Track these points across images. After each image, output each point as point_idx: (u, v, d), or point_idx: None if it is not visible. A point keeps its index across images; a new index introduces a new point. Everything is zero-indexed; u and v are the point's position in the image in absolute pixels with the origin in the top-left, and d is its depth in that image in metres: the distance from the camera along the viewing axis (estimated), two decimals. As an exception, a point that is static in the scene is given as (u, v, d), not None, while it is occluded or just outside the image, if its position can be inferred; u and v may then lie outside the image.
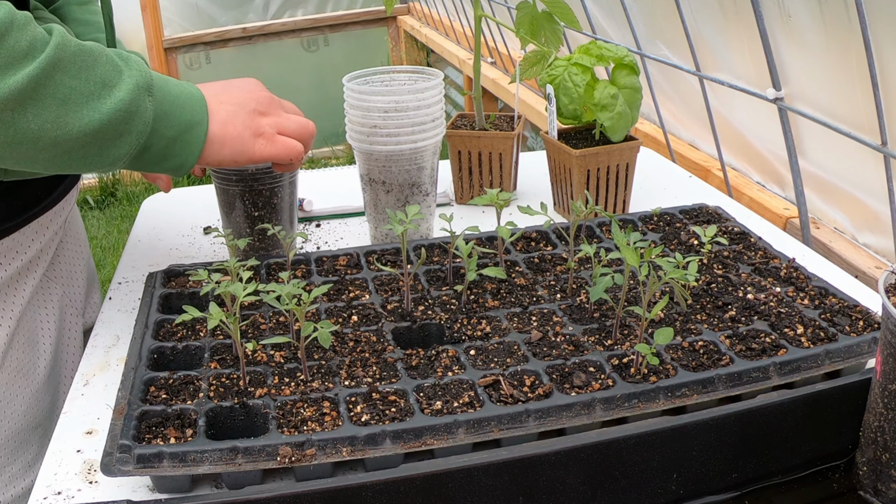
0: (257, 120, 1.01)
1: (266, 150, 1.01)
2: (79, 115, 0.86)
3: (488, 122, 1.50)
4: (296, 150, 1.03)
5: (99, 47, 0.89)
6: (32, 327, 1.12)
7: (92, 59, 0.88)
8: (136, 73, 0.91)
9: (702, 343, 0.94)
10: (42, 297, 1.15)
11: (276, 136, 1.02)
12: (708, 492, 0.82)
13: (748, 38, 1.85)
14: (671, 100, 2.39)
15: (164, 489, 0.82)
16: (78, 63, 0.86)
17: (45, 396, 1.14)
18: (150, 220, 1.49)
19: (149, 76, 0.92)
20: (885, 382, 0.76)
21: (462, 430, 0.82)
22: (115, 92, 0.88)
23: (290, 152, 1.03)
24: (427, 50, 5.87)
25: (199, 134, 0.95)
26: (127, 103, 0.89)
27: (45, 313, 1.16)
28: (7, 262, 1.07)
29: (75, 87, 0.86)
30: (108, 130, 0.88)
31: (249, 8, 5.78)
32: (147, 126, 0.91)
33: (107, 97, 0.88)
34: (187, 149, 0.95)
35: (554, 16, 1.36)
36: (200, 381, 0.91)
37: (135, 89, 0.90)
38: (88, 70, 0.87)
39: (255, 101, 1.02)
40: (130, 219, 4.61)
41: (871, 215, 1.66)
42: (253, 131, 1.00)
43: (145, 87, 0.91)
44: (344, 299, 1.07)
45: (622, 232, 1.00)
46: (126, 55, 0.93)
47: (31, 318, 1.12)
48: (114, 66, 0.89)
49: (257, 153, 1.00)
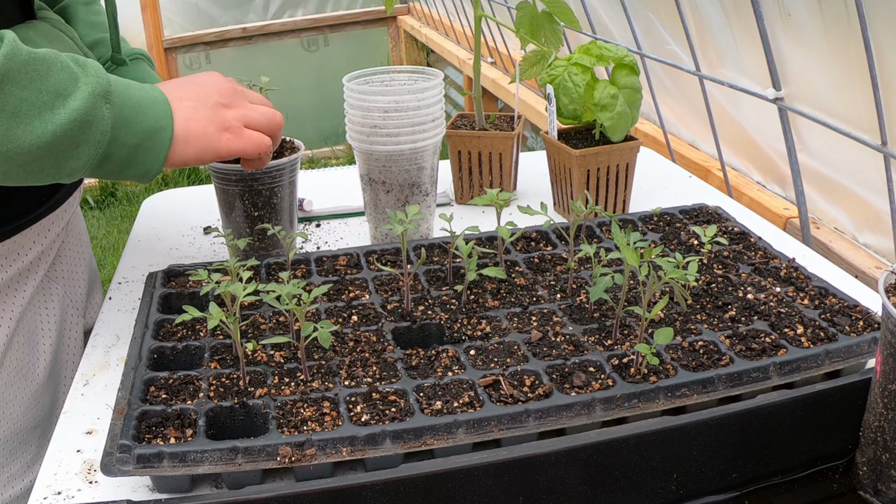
0: (221, 113, 0.97)
1: (233, 145, 0.97)
2: (30, 128, 0.83)
3: (488, 122, 1.50)
4: (264, 144, 1.00)
5: (54, 54, 0.86)
6: (32, 328, 1.12)
7: (45, 67, 0.84)
8: (93, 80, 0.87)
9: (702, 343, 0.94)
10: (43, 297, 1.15)
11: (242, 129, 0.98)
12: (708, 492, 0.82)
13: (753, 34, 1.85)
14: (674, 98, 2.38)
15: (164, 489, 0.82)
16: (29, 73, 0.83)
17: (45, 397, 1.14)
18: (150, 220, 1.49)
19: (106, 82, 0.88)
20: (885, 382, 0.76)
21: (462, 430, 0.82)
22: (69, 101, 0.85)
23: (257, 146, 1.00)
24: (427, 50, 5.87)
25: (163, 139, 0.92)
26: (83, 112, 0.85)
27: (46, 314, 1.15)
28: (8, 265, 1.07)
29: (26, 98, 0.82)
30: (63, 142, 0.85)
31: (249, 8, 5.77)
32: (105, 135, 0.87)
33: (60, 107, 0.84)
34: (151, 155, 0.92)
35: (554, 16, 1.36)
36: (200, 381, 0.91)
37: (90, 97, 0.86)
38: (41, 79, 0.83)
39: (217, 94, 0.98)
40: (130, 219, 4.61)
41: (873, 213, 1.66)
42: (218, 126, 0.96)
43: (102, 94, 0.87)
44: (344, 299, 1.07)
45: (622, 232, 1.00)
46: (84, 61, 0.89)
47: (32, 318, 1.12)
48: (69, 73, 0.86)
49: (224, 148, 0.97)
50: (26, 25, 1.03)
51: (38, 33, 1.03)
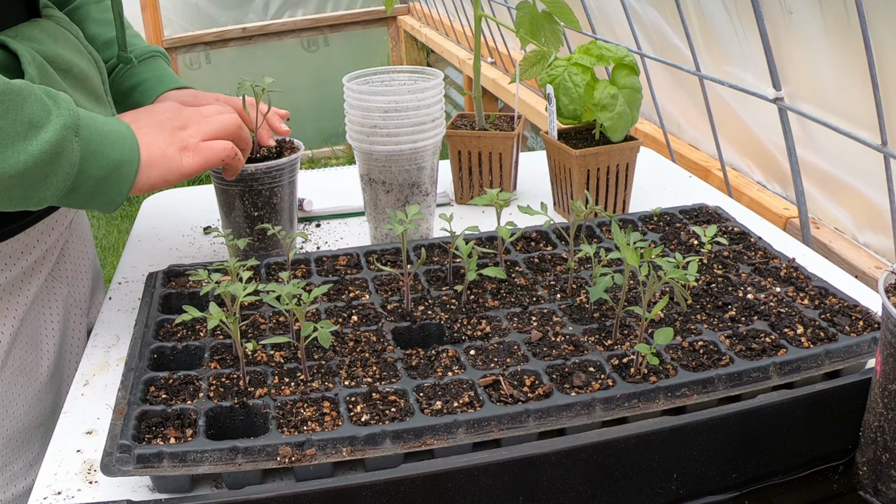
0: (178, 135, 1.01)
1: (194, 162, 1.00)
2: (4, 157, 0.84)
3: (488, 122, 1.50)
4: (225, 150, 1.03)
5: (28, 86, 0.88)
6: (36, 327, 1.12)
7: (21, 98, 0.86)
8: (65, 113, 0.89)
9: (702, 343, 0.94)
10: (46, 296, 1.15)
11: (200, 144, 1.01)
12: (708, 492, 0.82)
13: (746, 35, 1.86)
14: (679, 94, 2.38)
15: (164, 489, 0.82)
16: (5, 103, 0.85)
17: (48, 396, 1.14)
18: (150, 220, 1.49)
19: (76, 115, 0.90)
20: (885, 382, 0.76)
21: (462, 430, 0.82)
22: (41, 133, 0.87)
23: (218, 154, 1.02)
24: (427, 50, 5.87)
25: (128, 172, 0.95)
26: (53, 145, 0.87)
27: (50, 313, 1.16)
28: (12, 263, 1.07)
29: (2, 128, 0.84)
30: (34, 172, 0.87)
31: (249, 8, 5.77)
32: (74, 167, 0.90)
33: (33, 138, 0.86)
34: (115, 187, 0.94)
35: (554, 16, 1.36)
36: (200, 381, 0.91)
37: (62, 129, 0.88)
38: (16, 110, 0.85)
39: (173, 119, 1.02)
40: (130, 219, 4.61)
41: (874, 212, 1.66)
42: (177, 147, 1.00)
43: (72, 127, 0.89)
44: (344, 299, 1.07)
45: (622, 232, 1.00)
46: (55, 93, 0.91)
47: (35, 317, 1.12)
48: (42, 105, 0.88)
49: (186, 167, 1.00)
50: (31, 24, 1.04)
51: (42, 31, 1.04)
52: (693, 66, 2.06)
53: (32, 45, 0.99)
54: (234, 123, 1.06)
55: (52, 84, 0.99)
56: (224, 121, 1.05)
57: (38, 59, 0.98)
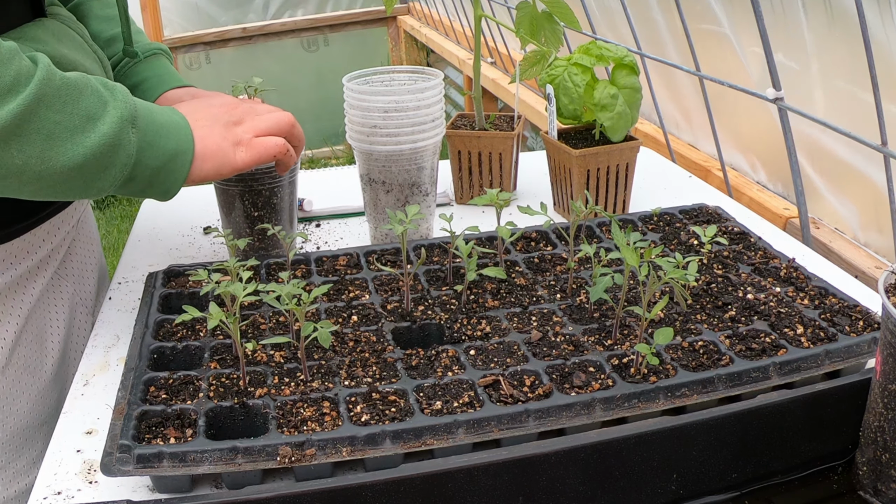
0: (233, 130, 1.02)
1: (247, 157, 1.02)
2: (63, 150, 0.86)
3: (488, 122, 1.50)
4: (277, 147, 1.04)
5: (84, 78, 0.89)
6: (41, 325, 1.12)
7: (77, 91, 0.87)
8: (122, 105, 0.90)
9: (702, 343, 0.94)
10: (52, 295, 1.15)
11: (253, 140, 1.03)
12: (708, 492, 0.82)
13: (754, 32, 1.85)
14: (681, 94, 2.38)
15: (164, 489, 0.82)
16: (63, 97, 0.86)
17: (52, 394, 1.14)
18: (150, 220, 1.49)
19: (133, 107, 0.91)
20: (885, 382, 0.76)
21: (462, 430, 0.82)
22: (99, 125, 0.88)
23: (270, 150, 1.04)
24: (427, 50, 5.87)
25: (184, 162, 0.96)
26: (111, 137, 0.88)
27: (55, 311, 1.16)
28: (17, 262, 1.07)
29: (60, 122, 0.85)
30: (93, 164, 0.88)
31: (249, 8, 5.77)
32: (131, 158, 0.91)
33: (91, 131, 0.87)
34: (171, 177, 0.96)
35: (554, 16, 1.36)
36: (200, 381, 0.91)
37: (119, 121, 0.89)
38: (73, 103, 0.86)
39: (227, 114, 1.03)
40: (130, 219, 4.61)
41: (874, 211, 1.66)
42: (231, 142, 1.01)
43: (129, 119, 0.91)
44: (344, 299, 1.07)
45: (622, 232, 1.00)
46: (111, 85, 0.92)
47: (41, 315, 1.13)
48: (99, 97, 0.89)
49: (239, 162, 1.01)
50: (36, 24, 1.03)
51: (47, 31, 1.03)
52: (693, 66, 2.06)
53: (36, 45, 0.99)
54: (288, 121, 1.07)
55: None
56: (278, 118, 1.06)
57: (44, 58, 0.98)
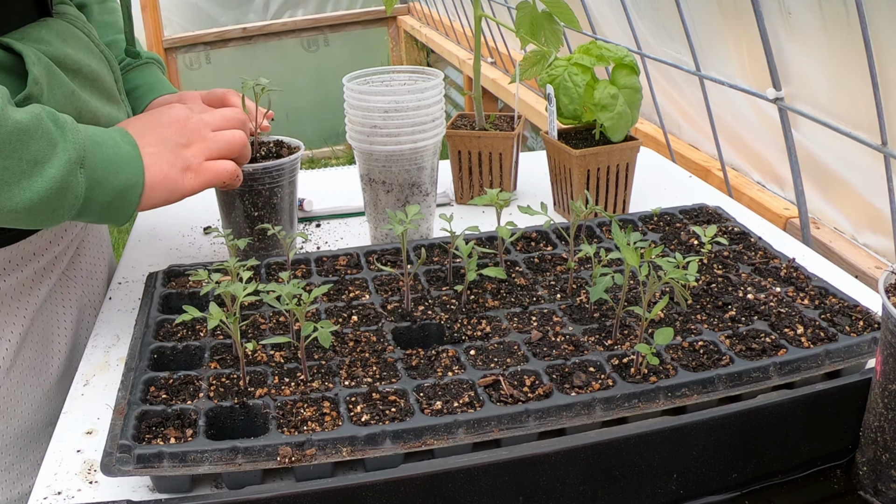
0: (182, 154, 1.00)
1: (196, 183, 1.01)
2: (10, 195, 0.86)
3: (488, 122, 1.50)
4: (226, 172, 1.04)
5: (36, 120, 0.88)
6: (47, 327, 1.12)
7: (27, 136, 0.86)
8: (71, 146, 0.90)
9: (702, 343, 0.94)
10: (59, 297, 1.15)
11: (203, 165, 1.02)
12: (708, 492, 0.82)
13: (746, 36, 1.85)
14: (681, 95, 2.38)
15: (164, 489, 0.82)
16: (12, 142, 0.85)
17: (58, 396, 1.13)
18: (150, 220, 1.49)
19: (82, 147, 0.91)
20: (885, 382, 0.76)
21: (462, 430, 0.82)
22: (47, 170, 0.87)
23: (220, 176, 1.03)
24: (427, 50, 5.87)
25: (133, 195, 0.96)
26: (59, 181, 0.88)
27: (63, 313, 1.15)
28: (23, 265, 1.07)
29: (7, 167, 0.85)
30: (40, 207, 0.88)
31: (249, 8, 5.78)
32: (79, 199, 0.91)
33: (38, 175, 0.87)
34: (122, 210, 0.96)
35: (554, 16, 1.36)
36: (200, 381, 0.91)
37: (67, 164, 0.89)
38: (22, 149, 0.86)
39: (177, 135, 1.01)
40: (130, 219, 4.60)
41: (873, 211, 1.66)
42: (180, 168, 1.00)
43: (78, 161, 0.90)
44: (344, 299, 1.07)
45: (622, 232, 1.00)
46: (63, 122, 0.91)
47: (47, 317, 1.12)
48: (49, 139, 0.88)
49: (187, 188, 1.00)
50: (40, 24, 1.03)
51: (51, 32, 1.03)
52: (693, 66, 2.06)
53: (39, 46, 0.99)
54: (239, 142, 1.06)
55: (59, 84, 0.99)
56: (229, 141, 1.05)
57: (44, 60, 0.98)
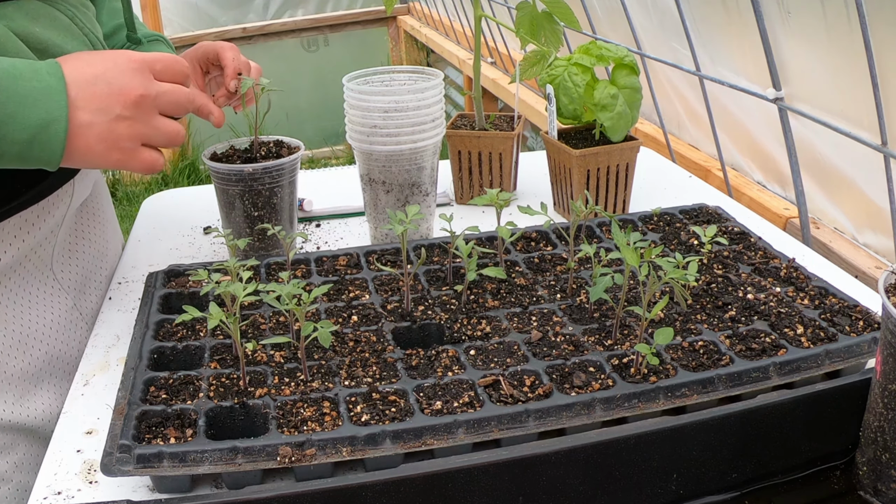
0: (116, 131, 0.92)
1: (122, 166, 0.94)
2: None
3: (488, 122, 1.50)
4: (156, 166, 0.97)
5: None
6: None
7: None
8: None
9: (702, 343, 0.94)
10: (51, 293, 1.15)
11: (136, 150, 0.94)
12: (708, 492, 0.82)
13: (747, 34, 1.85)
14: (685, 94, 2.38)
15: (164, 489, 0.82)
16: None
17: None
18: (150, 220, 1.49)
19: None
20: (885, 382, 0.76)
21: (462, 430, 0.82)
22: None
23: (148, 169, 0.96)
24: (427, 50, 5.87)
25: (57, 131, 0.87)
26: None
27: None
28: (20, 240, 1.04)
29: None
30: None
31: (249, 8, 5.78)
32: None
33: None
34: (48, 149, 0.87)
35: (554, 16, 1.36)
36: (200, 381, 0.91)
37: None
38: None
39: (121, 106, 0.91)
40: (130, 219, 4.61)
41: (874, 211, 1.66)
42: (107, 146, 0.91)
43: None
44: (344, 299, 1.07)
45: (622, 232, 1.00)
46: None
47: None
48: None
49: (108, 165, 0.94)
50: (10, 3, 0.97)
51: (19, 10, 0.97)
52: (693, 65, 2.06)
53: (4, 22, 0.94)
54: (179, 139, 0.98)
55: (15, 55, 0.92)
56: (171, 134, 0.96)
57: (2, 30, 0.93)
